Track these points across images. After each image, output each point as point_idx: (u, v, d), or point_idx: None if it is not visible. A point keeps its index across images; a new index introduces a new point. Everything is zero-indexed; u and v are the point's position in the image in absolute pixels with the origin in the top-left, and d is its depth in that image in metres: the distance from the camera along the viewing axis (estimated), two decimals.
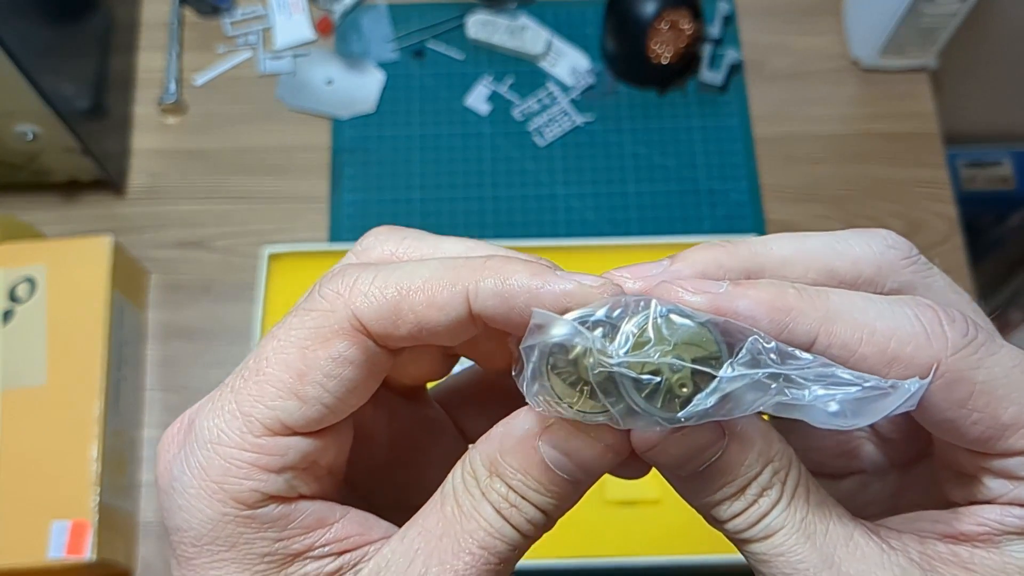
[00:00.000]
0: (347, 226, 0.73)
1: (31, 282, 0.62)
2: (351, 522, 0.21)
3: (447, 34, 0.79)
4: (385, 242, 0.23)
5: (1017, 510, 0.21)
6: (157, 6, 0.79)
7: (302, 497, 0.21)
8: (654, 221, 0.74)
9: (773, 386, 0.19)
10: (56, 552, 0.56)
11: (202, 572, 0.20)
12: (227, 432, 0.20)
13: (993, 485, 0.21)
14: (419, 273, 0.21)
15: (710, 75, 0.76)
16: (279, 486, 0.20)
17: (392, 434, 0.26)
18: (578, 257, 0.66)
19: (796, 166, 0.76)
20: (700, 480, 0.21)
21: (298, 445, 0.20)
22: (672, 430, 0.20)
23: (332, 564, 0.21)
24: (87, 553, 0.56)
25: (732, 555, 0.57)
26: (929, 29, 0.73)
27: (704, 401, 0.19)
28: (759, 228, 0.73)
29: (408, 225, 0.76)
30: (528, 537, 0.21)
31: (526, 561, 0.58)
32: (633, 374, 0.20)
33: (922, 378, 0.19)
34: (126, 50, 0.76)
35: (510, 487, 0.21)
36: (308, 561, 0.21)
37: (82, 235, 0.65)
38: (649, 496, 0.60)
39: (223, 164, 0.75)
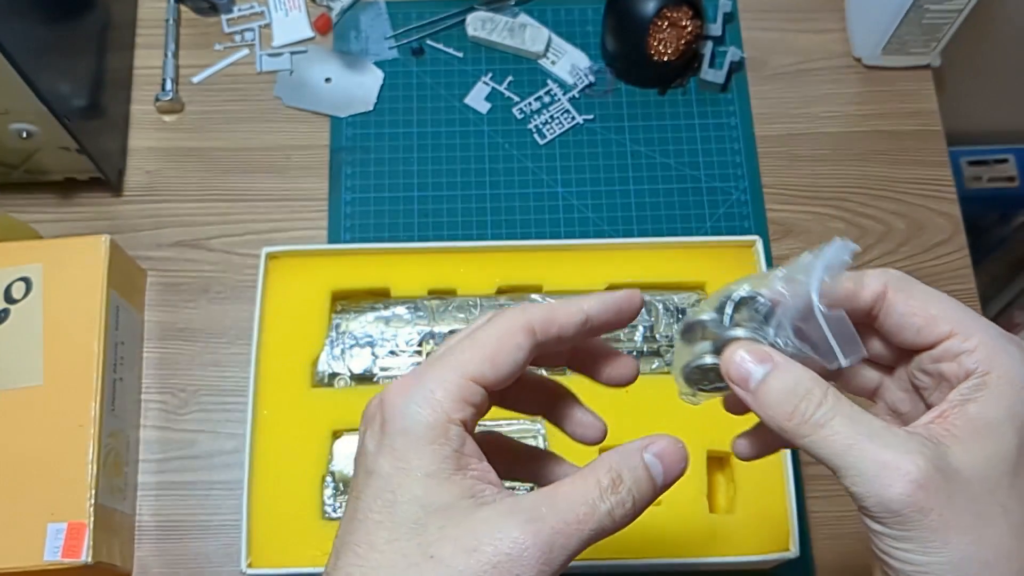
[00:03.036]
0: (346, 225, 0.72)
1: (26, 282, 0.61)
2: (496, 464, 0.32)
3: (446, 32, 0.79)
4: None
5: (966, 383, 0.32)
6: (154, 4, 0.79)
7: (465, 427, 0.32)
8: (654, 220, 0.73)
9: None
10: (52, 554, 0.55)
11: (403, 454, 0.31)
12: (451, 375, 0.32)
13: (949, 370, 0.33)
14: (559, 303, 0.35)
15: (711, 74, 0.76)
16: (466, 414, 0.32)
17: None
18: (578, 256, 0.66)
19: (798, 165, 0.76)
20: (781, 398, 0.32)
21: (481, 392, 0.32)
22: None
23: (490, 477, 0.32)
24: (83, 555, 0.55)
25: (733, 557, 0.57)
26: (932, 26, 0.73)
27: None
28: (760, 228, 0.73)
29: (407, 224, 0.75)
30: (618, 524, 0.31)
31: None
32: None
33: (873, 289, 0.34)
34: (123, 48, 0.76)
35: (618, 481, 0.31)
36: (469, 473, 0.31)
37: (78, 234, 0.64)
38: None
39: (221, 163, 0.74)
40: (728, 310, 0.33)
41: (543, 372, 0.46)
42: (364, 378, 0.63)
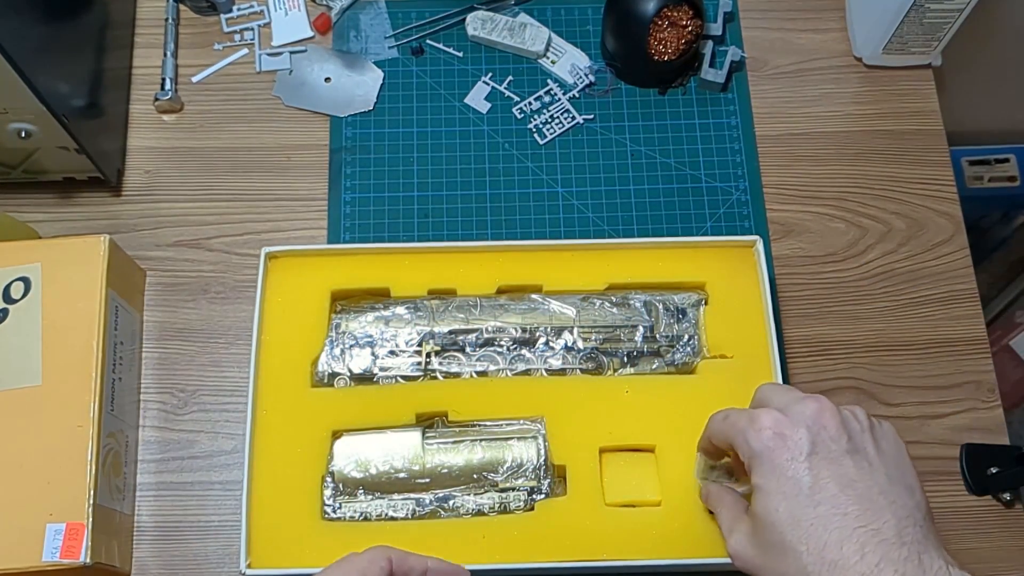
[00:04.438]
0: (346, 225, 0.72)
1: (25, 282, 0.61)
2: None
3: (446, 32, 0.79)
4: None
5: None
6: (153, 3, 0.78)
7: None
8: (654, 220, 0.73)
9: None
10: (50, 555, 0.55)
11: None
12: None
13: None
14: (415, 554, 0.48)
15: (711, 73, 0.76)
16: None
17: None
18: (578, 256, 0.66)
19: (798, 165, 0.75)
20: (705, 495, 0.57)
21: None
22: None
23: None
24: (82, 556, 0.55)
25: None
26: (933, 25, 0.73)
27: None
28: (760, 227, 0.73)
29: (407, 224, 0.75)
30: None
31: (526, 565, 0.57)
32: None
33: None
34: (122, 47, 0.76)
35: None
36: None
37: (77, 234, 0.64)
38: (650, 498, 0.60)
39: (220, 163, 0.74)
40: (702, 471, 0.59)
41: None
42: (364, 378, 0.63)
